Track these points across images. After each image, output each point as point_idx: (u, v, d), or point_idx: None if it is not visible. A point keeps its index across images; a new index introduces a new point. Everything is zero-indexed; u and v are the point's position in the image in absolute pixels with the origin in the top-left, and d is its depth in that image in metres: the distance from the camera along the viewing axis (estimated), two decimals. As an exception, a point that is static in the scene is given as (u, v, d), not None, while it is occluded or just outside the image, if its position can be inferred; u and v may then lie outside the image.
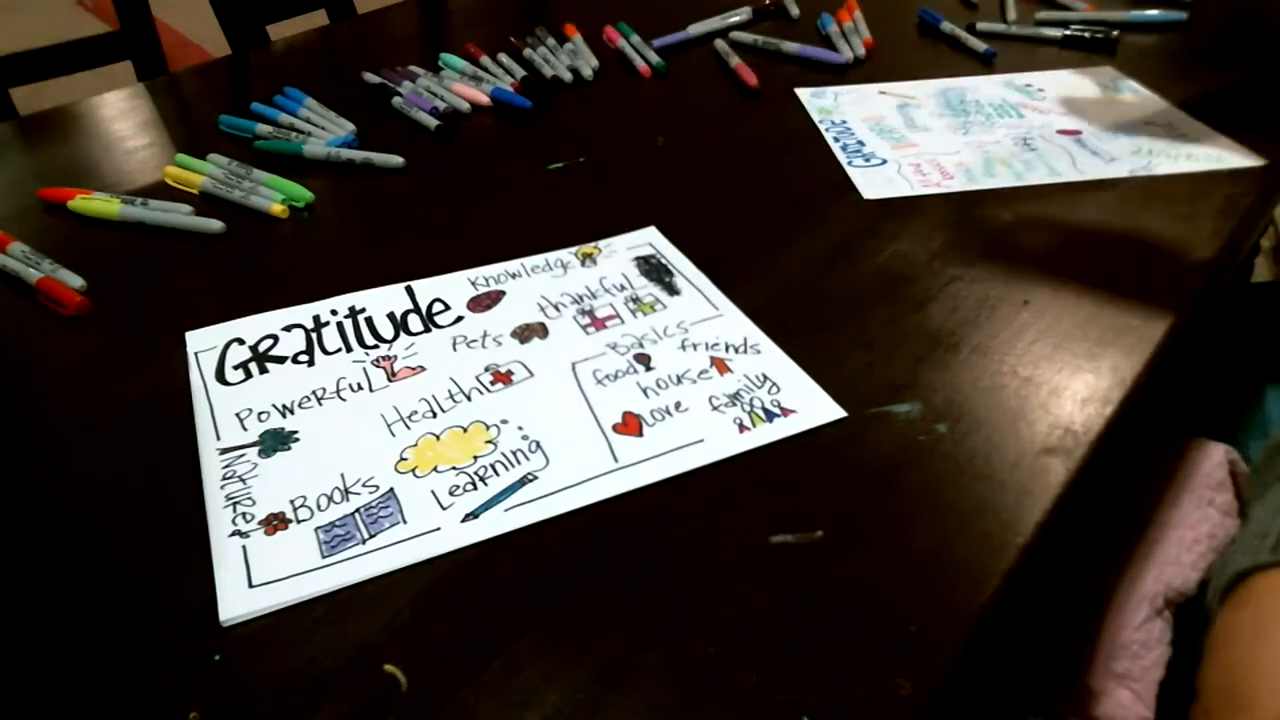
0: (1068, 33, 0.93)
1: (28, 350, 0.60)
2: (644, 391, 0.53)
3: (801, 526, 0.45)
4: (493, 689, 0.39)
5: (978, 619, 0.41)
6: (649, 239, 0.67)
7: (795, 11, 1.04)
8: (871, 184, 0.72)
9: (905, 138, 0.78)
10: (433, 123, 0.82)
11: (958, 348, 0.56)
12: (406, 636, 0.41)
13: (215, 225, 0.69)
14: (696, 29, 0.99)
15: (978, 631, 0.41)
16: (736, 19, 1.01)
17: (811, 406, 0.52)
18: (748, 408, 0.52)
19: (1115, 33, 0.92)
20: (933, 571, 0.43)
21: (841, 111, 0.83)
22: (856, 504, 0.46)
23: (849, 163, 0.75)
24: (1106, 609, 0.58)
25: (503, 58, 0.93)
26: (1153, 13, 0.96)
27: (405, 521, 0.46)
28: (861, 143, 0.78)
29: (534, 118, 0.85)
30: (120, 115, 0.88)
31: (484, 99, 0.86)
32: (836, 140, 0.78)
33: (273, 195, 0.72)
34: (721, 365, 0.55)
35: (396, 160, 0.77)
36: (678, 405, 0.52)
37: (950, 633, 0.40)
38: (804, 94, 0.86)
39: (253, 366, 0.57)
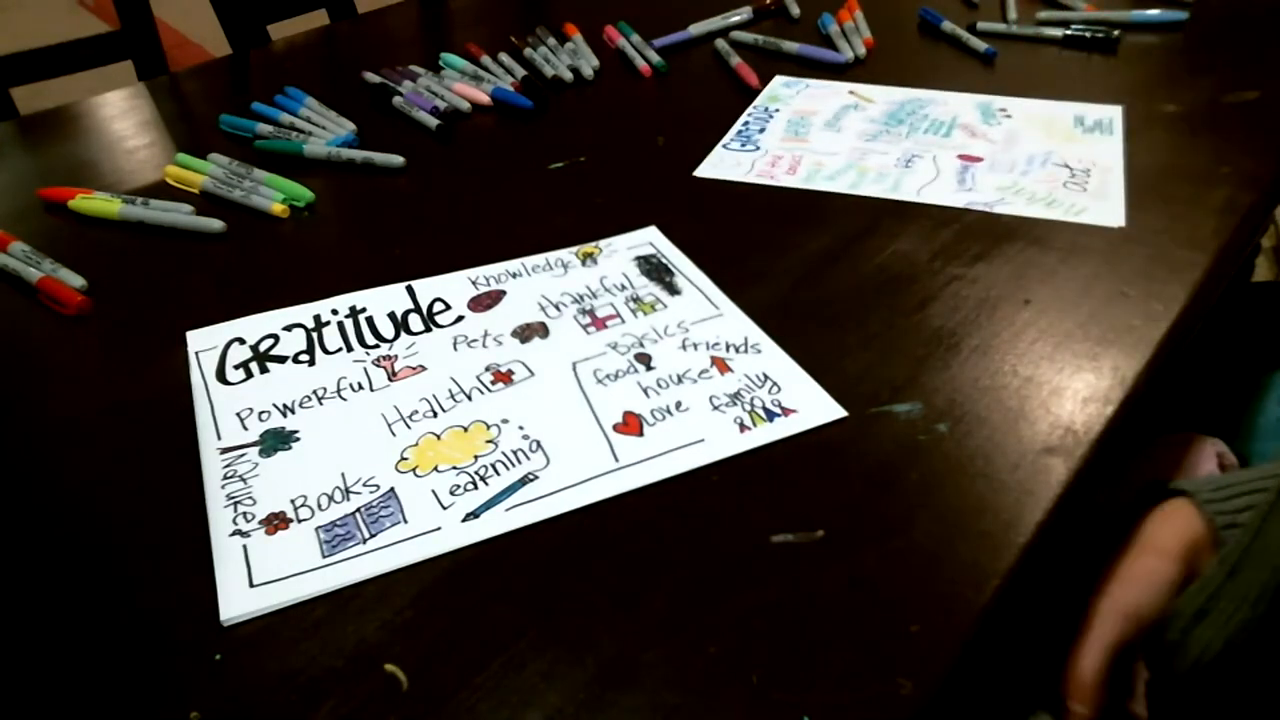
0: (1069, 32, 0.93)
1: (28, 350, 0.60)
2: (644, 391, 0.53)
3: (802, 526, 0.45)
4: (493, 689, 0.39)
5: (978, 619, 0.41)
6: (649, 238, 0.67)
7: (796, 11, 1.04)
8: (713, 165, 0.76)
9: (808, 134, 0.80)
10: (433, 122, 0.82)
11: (958, 347, 0.56)
12: (406, 636, 0.41)
13: (216, 225, 0.69)
14: (697, 29, 0.99)
15: (978, 631, 0.41)
16: (737, 19, 1.01)
17: (812, 406, 0.52)
18: (748, 407, 0.52)
19: (1116, 32, 0.92)
20: (933, 571, 0.43)
21: (785, 102, 0.85)
22: (857, 503, 0.46)
23: (725, 144, 0.78)
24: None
25: (503, 57, 0.93)
26: (1153, 13, 0.96)
27: (406, 521, 0.46)
28: (762, 131, 0.80)
29: (534, 117, 0.85)
30: (120, 115, 0.88)
31: (484, 98, 0.86)
32: (746, 125, 0.81)
33: (273, 195, 0.72)
34: (722, 365, 0.55)
35: (397, 160, 0.77)
36: (678, 405, 0.52)
37: (950, 633, 0.40)
38: (777, 82, 0.88)
39: (253, 366, 0.57)
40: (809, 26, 1.00)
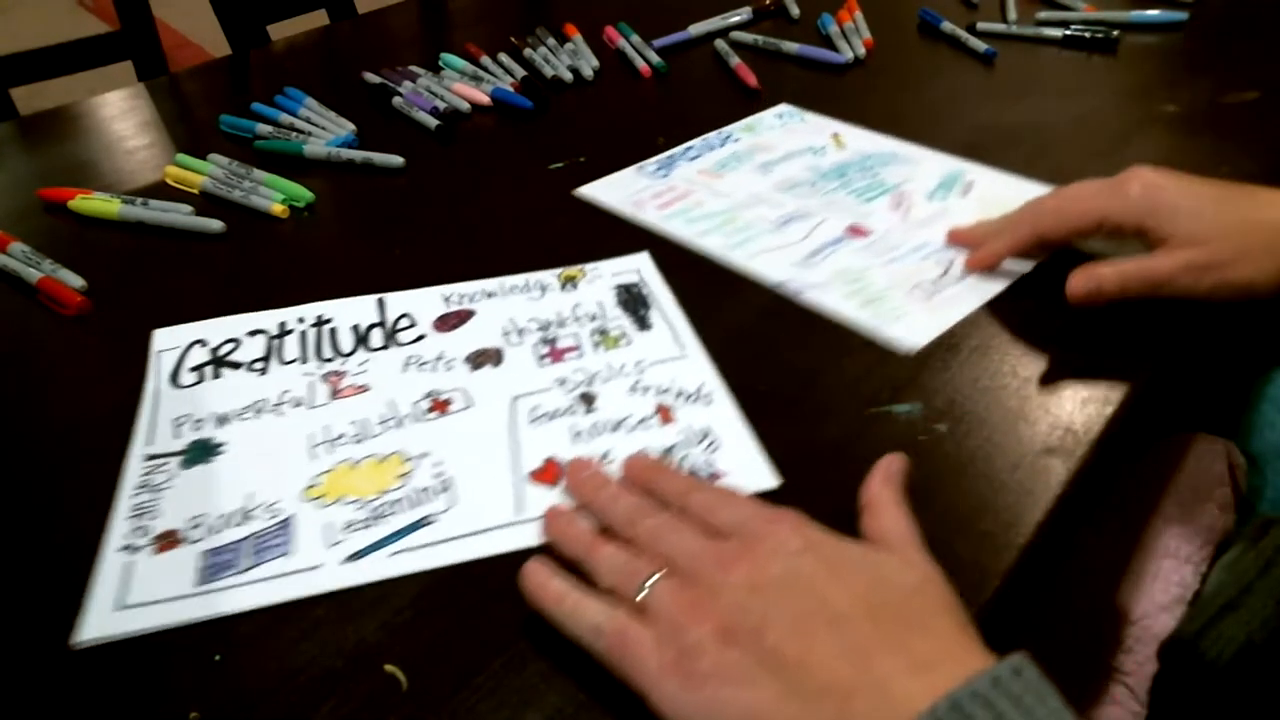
0: (1068, 33, 0.93)
1: (28, 350, 0.60)
2: (575, 435, 0.50)
3: (802, 526, 0.45)
4: (493, 689, 0.39)
5: (978, 619, 0.41)
6: (638, 265, 0.64)
7: (795, 11, 1.04)
8: (605, 186, 0.73)
9: (724, 173, 0.74)
10: (433, 123, 0.82)
11: (958, 348, 0.56)
12: (406, 636, 0.41)
13: (215, 225, 0.69)
14: (697, 29, 0.99)
15: (978, 631, 0.41)
16: (737, 19, 1.01)
17: (744, 471, 0.48)
18: (677, 466, 0.48)
19: (1116, 33, 0.92)
20: (933, 571, 0.43)
21: (757, 133, 0.80)
22: (857, 504, 0.46)
23: (641, 167, 0.75)
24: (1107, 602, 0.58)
25: (503, 57, 0.94)
26: (1153, 13, 0.96)
27: (290, 555, 0.44)
28: (694, 159, 0.76)
29: (534, 118, 0.85)
30: (120, 115, 0.88)
31: (484, 99, 0.86)
32: (688, 150, 0.78)
33: (273, 195, 0.72)
34: (666, 414, 0.52)
35: (396, 160, 0.77)
36: (604, 455, 0.49)
37: (950, 633, 0.40)
38: (770, 110, 0.83)
39: (208, 370, 0.56)
40: (809, 27, 1.00)
